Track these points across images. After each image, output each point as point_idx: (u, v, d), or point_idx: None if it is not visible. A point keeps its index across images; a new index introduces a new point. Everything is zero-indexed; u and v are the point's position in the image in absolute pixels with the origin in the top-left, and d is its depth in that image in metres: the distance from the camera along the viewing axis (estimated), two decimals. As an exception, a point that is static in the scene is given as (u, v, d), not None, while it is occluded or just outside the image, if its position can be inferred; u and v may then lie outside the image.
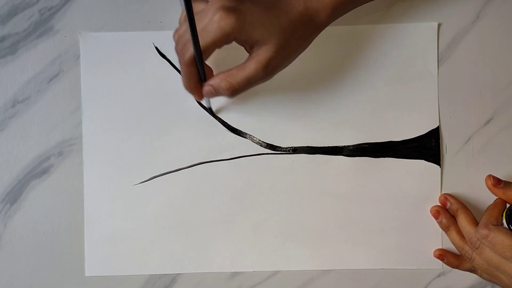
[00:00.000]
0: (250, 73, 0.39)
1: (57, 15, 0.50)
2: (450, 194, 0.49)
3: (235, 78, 0.40)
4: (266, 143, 0.50)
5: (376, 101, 0.50)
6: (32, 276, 0.50)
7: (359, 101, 0.50)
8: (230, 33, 0.37)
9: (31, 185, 0.50)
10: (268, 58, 0.39)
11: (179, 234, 0.50)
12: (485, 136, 0.50)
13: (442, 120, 0.50)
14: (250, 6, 0.38)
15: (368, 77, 0.50)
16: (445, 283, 0.50)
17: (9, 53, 0.50)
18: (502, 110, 0.50)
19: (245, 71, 0.39)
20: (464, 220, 0.47)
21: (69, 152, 0.50)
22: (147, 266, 0.50)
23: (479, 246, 0.44)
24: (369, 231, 0.50)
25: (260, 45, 0.39)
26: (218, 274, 0.50)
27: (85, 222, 0.50)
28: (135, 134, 0.50)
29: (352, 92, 0.50)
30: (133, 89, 0.50)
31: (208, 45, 0.38)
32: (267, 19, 0.38)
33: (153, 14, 0.50)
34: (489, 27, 0.50)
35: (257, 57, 0.39)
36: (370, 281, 0.50)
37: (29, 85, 0.50)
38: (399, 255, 0.50)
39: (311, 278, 0.50)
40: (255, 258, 0.50)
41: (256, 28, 0.38)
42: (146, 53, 0.50)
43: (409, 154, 0.50)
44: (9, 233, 0.50)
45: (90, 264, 0.50)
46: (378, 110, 0.50)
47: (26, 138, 0.50)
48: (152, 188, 0.50)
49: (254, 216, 0.50)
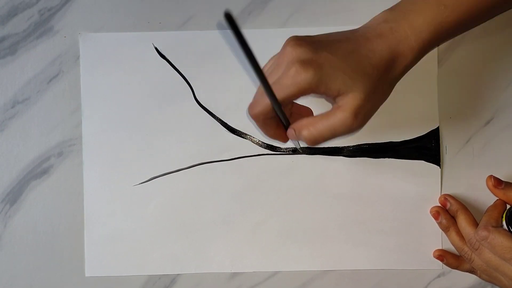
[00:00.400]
0: (335, 123, 0.35)
1: (56, 16, 0.50)
2: (450, 195, 0.49)
3: (318, 129, 0.35)
4: (266, 144, 0.50)
5: (376, 102, 0.50)
6: (32, 276, 0.50)
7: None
8: (307, 88, 0.34)
9: (31, 186, 0.50)
10: (357, 106, 0.34)
11: (179, 235, 0.50)
12: (485, 137, 0.50)
13: (442, 120, 0.50)
14: (327, 56, 0.34)
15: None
16: (445, 284, 0.50)
17: (9, 54, 0.50)
18: (502, 111, 0.50)
19: (328, 121, 0.35)
20: (464, 221, 0.47)
21: (69, 153, 0.50)
22: (147, 266, 0.50)
23: (478, 247, 0.44)
24: (369, 232, 0.50)
25: (344, 95, 0.35)
26: (218, 275, 0.50)
27: (85, 223, 0.50)
28: (135, 134, 0.50)
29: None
30: (133, 89, 0.50)
31: (282, 100, 0.35)
32: (348, 66, 0.34)
33: (153, 15, 0.50)
34: (489, 27, 0.50)
35: (344, 105, 0.35)
36: (370, 281, 0.50)
37: (29, 86, 0.50)
38: (399, 255, 0.50)
39: (311, 279, 0.50)
40: (255, 259, 0.50)
41: (336, 79, 0.34)
42: (145, 53, 0.50)
43: (409, 154, 0.50)
44: (9, 233, 0.50)
45: (90, 265, 0.50)
46: (378, 111, 0.50)
47: (26, 138, 0.50)
48: (152, 188, 0.50)
49: (254, 217, 0.50)
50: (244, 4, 0.50)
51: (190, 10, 0.51)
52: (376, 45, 0.36)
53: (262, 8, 0.50)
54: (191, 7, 0.51)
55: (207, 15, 0.50)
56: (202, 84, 0.50)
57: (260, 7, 0.50)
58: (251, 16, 0.50)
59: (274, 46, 0.50)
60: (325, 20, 0.50)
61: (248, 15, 0.50)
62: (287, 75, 0.34)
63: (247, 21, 0.50)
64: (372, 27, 0.37)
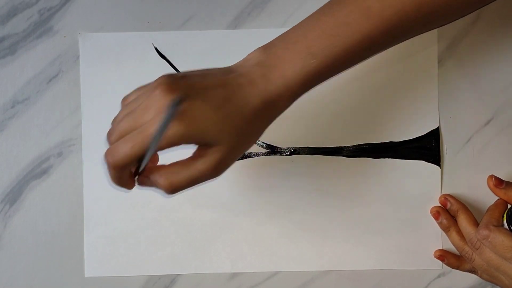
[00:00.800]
0: (195, 174, 0.34)
1: (56, 16, 0.50)
2: (450, 195, 0.49)
3: (176, 178, 0.34)
4: (266, 144, 0.50)
5: (376, 102, 0.50)
6: (31, 276, 0.50)
7: (359, 101, 0.50)
8: (177, 142, 0.32)
9: (30, 186, 0.50)
10: (219, 159, 0.34)
11: (179, 235, 0.50)
12: (485, 137, 0.50)
13: (442, 120, 0.50)
14: (200, 106, 0.33)
15: (367, 77, 0.50)
16: (445, 284, 0.50)
17: (8, 54, 0.50)
18: (502, 111, 0.50)
19: (189, 171, 0.34)
20: (465, 220, 0.47)
21: (69, 153, 0.50)
22: (147, 266, 0.50)
23: (479, 247, 0.44)
24: (369, 232, 0.50)
25: (210, 146, 0.34)
26: (218, 275, 0.50)
27: (85, 223, 0.50)
28: (134, 135, 0.50)
29: (351, 93, 0.50)
30: (133, 89, 0.50)
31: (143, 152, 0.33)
32: (219, 119, 0.33)
33: (153, 15, 0.50)
34: (489, 27, 0.50)
35: (206, 157, 0.34)
36: (370, 281, 0.50)
37: (28, 86, 0.50)
38: (399, 255, 0.50)
39: (311, 279, 0.50)
40: (255, 259, 0.50)
41: (208, 133, 0.33)
42: (145, 53, 0.50)
43: (409, 154, 0.50)
44: (8, 233, 0.50)
45: (89, 265, 0.50)
46: (378, 111, 0.50)
47: (25, 138, 0.50)
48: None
49: (254, 217, 0.50)
50: (244, 4, 0.50)
51: (190, 10, 0.51)
52: (249, 93, 0.35)
53: (262, 8, 0.50)
54: (191, 7, 0.51)
55: (207, 15, 0.50)
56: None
57: (260, 7, 0.50)
58: (251, 16, 0.50)
59: (274, 46, 0.50)
60: (325, 20, 0.50)
61: (248, 15, 0.50)
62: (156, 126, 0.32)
63: (247, 21, 0.50)
64: (246, 69, 0.36)
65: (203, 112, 0.33)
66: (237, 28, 0.50)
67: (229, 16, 0.51)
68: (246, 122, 0.35)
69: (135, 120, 0.33)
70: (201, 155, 0.34)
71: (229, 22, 0.51)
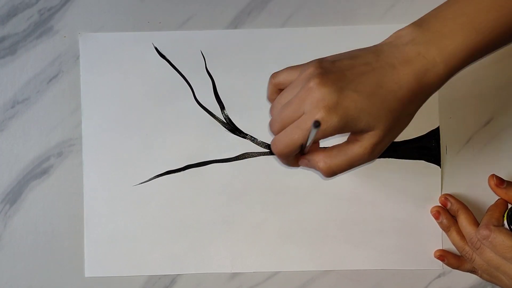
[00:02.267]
0: (352, 157, 0.35)
1: (56, 16, 0.50)
2: (451, 195, 0.49)
3: (334, 161, 0.36)
4: (266, 144, 0.50)
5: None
6: (31, 276, 0.50)
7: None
8: (333, 132, 0.34)
9: (30, 186, 0.50)
10: (375, 143, 0.35)
11: (179, 235, 0.50)
12: (485, 137, 0.50)
13: (442, 120, 0.50)
14: (352, 97, 0.33)
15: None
16: (445, 284, 0.50)
17: (8, 54, 0.50)
18: (502, 111, 0.50)
19: (347, 155, 0.35)
20: (465, 220, 0.47)
21: (69, 153, 0.50)
22: (147, 266, 0.50)
23: (479, 247, 0.44)
24: (369, 232, 0.50)
25: (365, 132, 0.35)
26: (218, 275, 0.50)
27: (85, 223, 0.50)
28: (135, 134, 0.50)
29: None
30: (133, 89, 0.50)
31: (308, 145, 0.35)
32: (373, 105, 0.34)
33: (153, 14, 0.50)
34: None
35: (362, 141, 0.35)
36: (370, 281, 0.50)
37: (28, 86, 0.50)
38: (399, 255, 0.50)
39: (311, 279, 0.50)
40: (255, 259, 0.50)
41: (361, 121, 0.34)
42: (145, 53, 0.50)
43: (409, 154, 0.50)
44: (8, 233, 0.50)
45: (89, 265, 0.50)
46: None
47: (25, 138, 0.50)
48: (152, 188, 0.50)
49: (254, 217, 0.50)
50: (244, 4, 0.50)
51: (190, 10, 0.51)
52: (403, 75, 0.34)
53: (262, 8, 0.50)
54: (191, 7, 0.51)
55: (207, 15, 0.51)
56: (202, 84, 0.50)
57: (260, 7, 0.50)
58: (251, 16, 0.50)
59: (274, 46, 0.50)
60: (325, 20, 0.50)
61: (248, 15, 0.50)
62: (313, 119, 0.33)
63: (247, 21, 0.50)
64: (399, 49, 0.35)
65: (355, 103, 0.33)
66: (237, 28, 0.50)
67: (229, 16, 0.51)
68: (400, 105, 0.35)
69: (294, 111, 0.34)
70: (357, 139, 0.35)
71: (229, 22, 0.51)
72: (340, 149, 0.36)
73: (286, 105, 0.35)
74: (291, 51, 0.50)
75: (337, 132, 0.34)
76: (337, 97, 0.33)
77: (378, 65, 0.35)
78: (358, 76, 0.34)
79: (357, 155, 0.35)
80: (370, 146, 0.35)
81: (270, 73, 0.51)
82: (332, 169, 0.36)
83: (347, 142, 0.36)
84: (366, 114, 0.34)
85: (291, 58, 0.50)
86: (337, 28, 0.50)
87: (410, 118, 0.37)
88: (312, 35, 0.50)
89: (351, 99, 0.33)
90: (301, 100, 0.34)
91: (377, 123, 0.34)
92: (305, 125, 0.34)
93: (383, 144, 0.36)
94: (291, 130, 0.35)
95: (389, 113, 0.34)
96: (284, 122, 0.35)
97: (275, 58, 0.50)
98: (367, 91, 0.34)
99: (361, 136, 0.35)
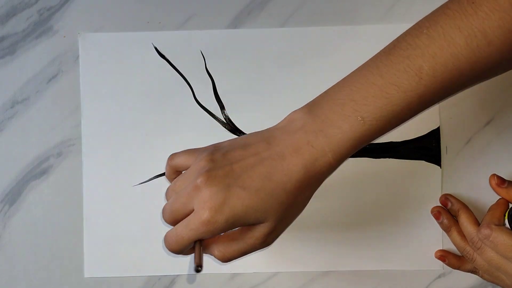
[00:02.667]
0: (245, 247, 0.36)
1: (56, 16, 0.50)
2: (451, 194, 0.49)
3: (228, 250, 0.36)
4: (266, 144, 0.50)
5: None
6: (31, 276, 0.50)
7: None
8: (221, 230, 0.34)
9: (30, 186, 0.50)
10: (266, 234, 0.35)
11: (179, 235, 0.50)
12: (485, 137, 0.50)
13: (442, 121, 0.50)
14: (239, 194, 0.34)
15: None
16: (446, 284, 0.50)
17: (8, 54, 0.50)
18: (503, 111, 0.50)
19: (239, 245, 0.36)
20: (466, 220, 0.47)
21: (69, 153, 0.50)
22: (147, 267, 0.50)
23: (480, 246, 0.44)
24: (369, 232, 0.50)
25: (256, 224, 0.35)
26: (218, 275, 0.50)
27: (84, 223, 0.50)
28: (135, 134, 0.50)
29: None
30: (133, 89, 0.50)
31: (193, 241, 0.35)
32: (261, 200, 0.34)
33: (153, 14, 0.50)
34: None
35: (254, 232, 0.35)
36: (370, 282, 0.50)
37: (28, 86, 0.50)
38: (400, 256, 0.50)
39: (311, 279, 0.50)
40: (254, 259, 0.50)
41: (249, 217, 0.34)
42: (145, 53, 0.50)
43: (409, 154, 0.50)
44: (8, 234, 0.50)
45: (89, 265, 0.50)
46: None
47: (25, 138, 0.50)
48: (152, 188, 0.50)
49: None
50: (244, 4, 0.50)
51: (190, 10, 0.51)
52: (292, 165, 0.34)
53: (262, 8, 0.50)
54: (191, 7, 0.51)
55: (207, 15, 0.50)
56: (202, 84, 0.50)
57: (260, 7, 0.50)
58: (250, 16, 0.50)
59: (274, 46, 0.50)
60: (325, 20, 0.50)
61: (248, 15, 0.50)
62: (200, 219, 0.33)
63: (247, 21, 0.50)
64: (290, 136, 0.35)
65: (242, 200, 0.34)
66: (237, 28, 0.50)
67: (229, 16, 0.51)
68: (290, 196, 0.35)
69: (184, 206, 0.35)
70: (250, 229, 0.36)
71: (229, 22, 0.51)
72: (234, 238, 0.36)
73: (177, 197, 0.36)
74: (291, 51, 0.50)
75: (226, 229, 0.34)
76: (224, 196, 0.33)
77: (267, 155, 0.35)
78: (247, 169, 0.34)
79: (249, 245, 0.36)
80: (261, 236, 0.35)
81: (270, 73, 0.51)
82: (227, 257, 0.36)
83: (241, 231, 0.36)
84: (253, 211, 0.34)
85: (291, 58, 0.50)
86: (337, 28, 0.50)
87: (303, 205, 0.37)
88: (312, 35, 0.50)
89: (238, 197, 0.34)
90: (190, 197, 0.34)
91: (267, 216, 0.34)
92: (193, 225, 0.34)
93: (275, 233, 0.36)
94: (181, 229, 0.35)
95: (278, 206, 0.34)
96: (174, 215, 0.36)
97: (275, 58, 0.50)
98: (254, 186, 0.34)
99: (253, 227, 0.35)
